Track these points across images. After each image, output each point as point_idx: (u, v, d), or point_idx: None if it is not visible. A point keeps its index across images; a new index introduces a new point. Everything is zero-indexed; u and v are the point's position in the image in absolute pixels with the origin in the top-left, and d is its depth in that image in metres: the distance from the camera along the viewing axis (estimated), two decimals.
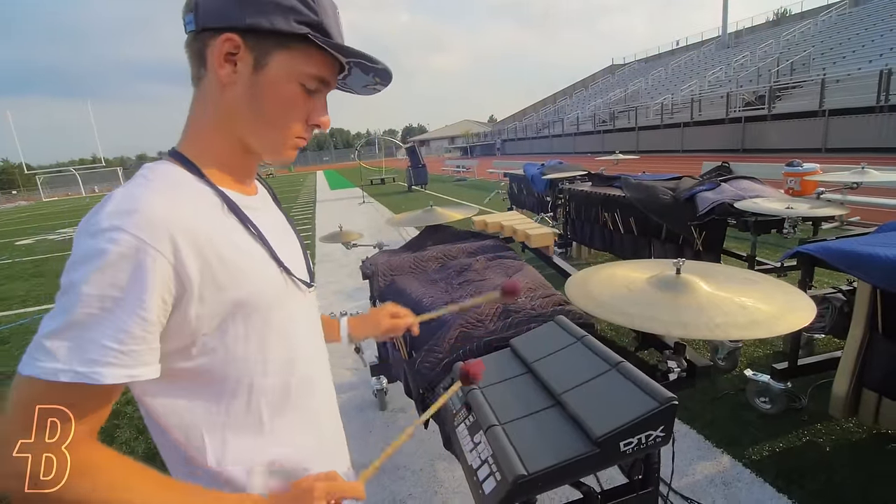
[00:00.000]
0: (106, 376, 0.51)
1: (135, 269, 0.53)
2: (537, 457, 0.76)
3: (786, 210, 2.77)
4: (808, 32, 24.66)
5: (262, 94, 0.64)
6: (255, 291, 0.64)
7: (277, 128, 0.67)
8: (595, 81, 43.79)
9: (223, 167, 0.67)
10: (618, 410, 0.80)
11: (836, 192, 5.26)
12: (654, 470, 1.10)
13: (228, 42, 0.61)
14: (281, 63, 0.63)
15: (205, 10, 0.61)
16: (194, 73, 0.66)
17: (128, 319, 0.52)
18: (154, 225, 0.55)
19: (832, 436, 2.18)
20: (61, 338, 0.51)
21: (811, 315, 0.96)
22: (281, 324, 0.68)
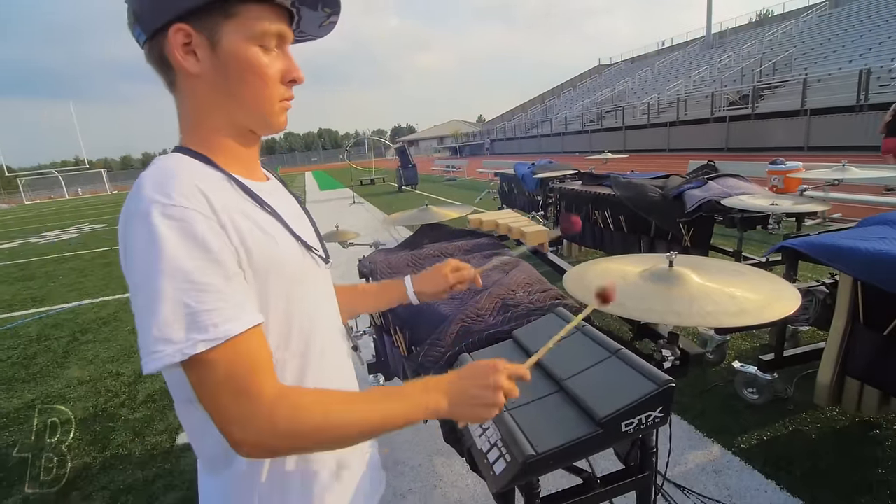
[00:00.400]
0: (232, 329, 0.56)
1: (195, 235, 0.56)
2: (544, 438, 0.80)
3: (770, 206, 2.86)
4: (789, 33, 25.13)
5: (230, 69, 0.64)
6: (279, 264, 0.66)
7: (257, 96, 0.67)
8: (583, 81, 44.15)
9: (228, 156, 0.69)
10: (619, 393, 0.85)
11: (818, 190, 5.39)
12: (650, 455, 1.15)
13: (179, 32, 0.62)
14: (232, 32, 0.63)
15: (147, 15, 0.63)
16: (166, 81, 0.67)
17: (212, 280, 0.56)
18: (193, 193, 0.58)
19: (817, 424, 2.26)
20: (167, 322, 0.54)
21: (796, 304, 1.02)
22: (303, 296, 0.71)
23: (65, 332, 4.76)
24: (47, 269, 8.33)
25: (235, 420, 0.56)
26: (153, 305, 0.54)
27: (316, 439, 0.60)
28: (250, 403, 0.57)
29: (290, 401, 0.59)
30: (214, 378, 0.56)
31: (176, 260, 0.54)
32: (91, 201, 31.43)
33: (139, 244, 0.55)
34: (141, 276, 0.55)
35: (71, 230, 14.37)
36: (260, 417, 0.57)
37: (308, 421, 0.59)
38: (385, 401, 0.65)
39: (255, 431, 0.56)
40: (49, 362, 4.00)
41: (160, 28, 0.62)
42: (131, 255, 0.56)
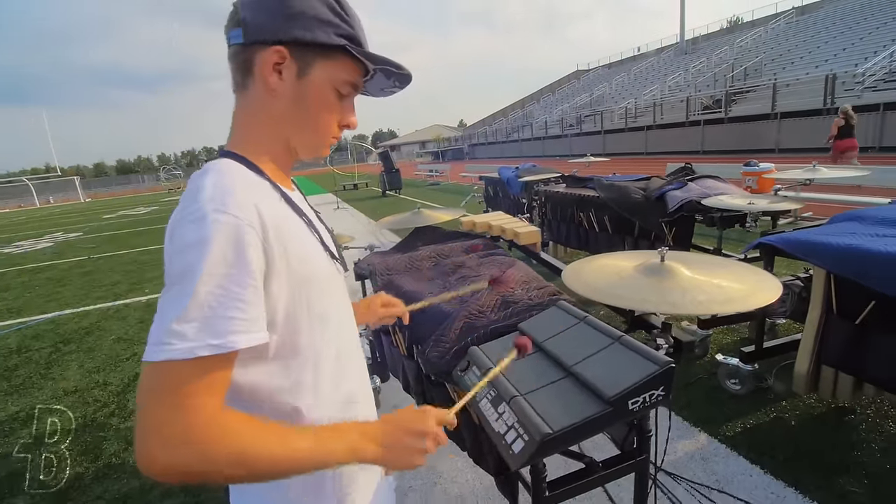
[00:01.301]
0: (238, 342, 0.58)
1: (239, 245, 0.59)
2: (558, 418, 0.86)
3: (748, 206, 3.00)
4: (759, 39, 25.97)
5: (305, 100, 0.72)
6: (314, 271, 0.71)
7: (317, 129, 0.75)
8: (561, 86, 44.79)
9: (271, 164, 0.75)
10: (625, 375, 0.92)
11: (790, 189, 5.63)
12: (647, 439, 1.22)
13: (277, 54, 0.68)
14: (321, 71, 0.71)
15: (254, 26, 0.69)
16: (238, 82, 0.73)
17: (243, 290, 0.59)
18: (247, 206, 0.62)
19: (796, 411, 2.38)
20: (188, 319, 0.56)
21: (778, 292, 1.10)
22: (331, 300, 0.76)
23: (46, 342, 4.65)
24: (22, 279, 8.09)
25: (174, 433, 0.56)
26: (181, 300, 0.56)
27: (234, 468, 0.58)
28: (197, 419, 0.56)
29: (224, 424, 0.59)
30: (175, 382, 0.56)
31: (216, 265, 0.58)
32: (64, 210, 30.54)
33: (187, 243, 0.59)
34: (180, 271, 0.58)
35: (44, 239, 13.96)
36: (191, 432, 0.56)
37: (232, 445, 0.58)
38: (318, 440, 0.64)
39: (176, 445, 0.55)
40: (32, 374, 3.91)
41: (261, 41, 0.68)
42: (177, 251, 0.60)
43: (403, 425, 0.70)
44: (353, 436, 0.67)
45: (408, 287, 1.89)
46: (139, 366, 3.94)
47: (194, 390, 0.57)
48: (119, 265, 8.40)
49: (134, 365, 3.88)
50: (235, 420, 0.61)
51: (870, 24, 19.04)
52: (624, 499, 1.90)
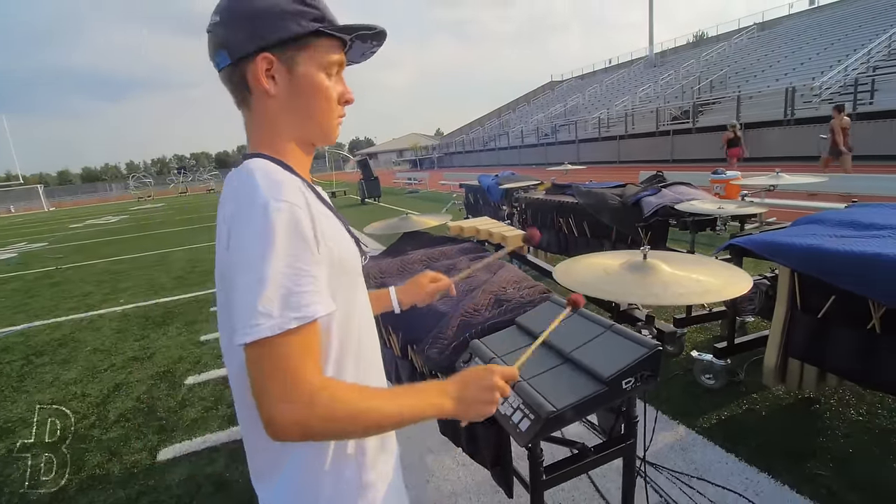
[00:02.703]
0: (318, 311, 0.65)
1: (299, 228, 0.66)
2: (561, 397, 0.95)
3: (718, 210, 3.17)
4: (723, 53, 27.11)
5: (302, 92, 0.76)
6: (347, 257, 0.78)
7: (323, 114, 0.79)
8: (536, 96, 45.67)
9: (296, 163, 0.80)
10: (618, 357, 1.01)
11: (755, 196, 5.92)
12: (633, 424, 1.31)
13: (264, 61, 0.73)
14: (307, 61, 0.75)
15: (235, 44, 0.73)
16: (239, 99, 0.78)
17: (309, 266, 0.65)
18: (296, 193, 0.69)
19: (766, 402, 2.53)
20: (269, 299, 0.62)
21: (748, 284, 1.22)
22: (358, 285, 0.83)
23: (16, 355, 4.50)
24: None
25: (283, 398, 0.62)
26: (260, 284, 0.62)
27: (346, 426, 0.67)
28: (298, 383, 0.63)
29: (330, 391, 0.66)
30: (278, 355, 0.63)
31: (284, 248, 0.64)
32: (26, 219, 29.32)
33: (254, 231, 0.65)
34: (252, 257, 0.64)
35: (7, 249, 13.41)
36: (303, 400, 0.63)
37: (342, 408, 0.66)
38: (406, 398, 0.73)
39: (296, 410, 0.63)
40: (3, 387, 3.78)
41: (246, 55, 0.73)
42: (245, 239, 0.65)
43: (474, 381, 0.77)
44: (434, 392, 0.75)
45: None
46: (118, 376, 3.88)
47: (295, 358, 0.64)
48: (90, 275, 8.16)
49: (113, 375, 3.80)
50: (341, 383, 0.69)
51: (825, 40, 20.16)
52: (610, 489, 1.99)
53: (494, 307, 1.55)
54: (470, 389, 0.77)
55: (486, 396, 0.77)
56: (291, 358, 0.64)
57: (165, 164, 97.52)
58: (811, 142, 13.62)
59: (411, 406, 0.72)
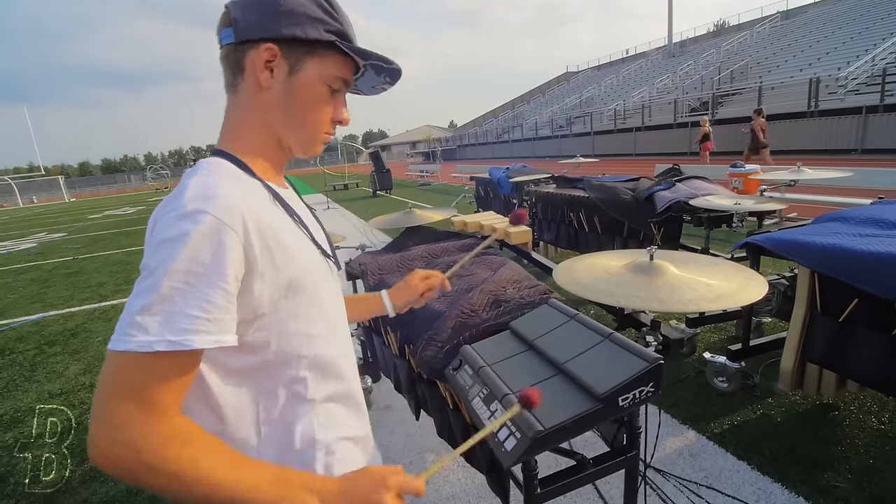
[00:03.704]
0: (196, 342, 0.57)
1: (216, 247, 0.59)
2: (550, 415, 0.87)
3: (735, 206, 3.04)
4: (745, 43, 26.36)
5: (296, 96, 0.72)
6: (304, 272, 0.71)
7: (309, 125, 0.75)
8: (551, 88, 45.06)
9: (264, 163, 0.75)
10: (615, 371, 0.93)
11: (775, 191, 5.72)
12: (636, 435, 1.24)
13: (268, 51, 0.69)
14: (312, 67, 0.72)
15: (245, 24, 0.69)
16: (230, 81, 0.74)
17: (211, 291, 0.59)
18: (231, 208, 0.62)
19: (782, 407, 2.42)
20: (151, 313, 0.56)
21: (764, 289, 1.13)
22: (322, 301, 0.76)
23: (30, 344, 4.57)
24: (5, 280, 7.94)
25: (119, 426, 0.55)
26: (149, 293, 0.57)
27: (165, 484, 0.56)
28: (145, 417, 0.56)
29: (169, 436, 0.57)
30: (138, 378, 0.56)
31: (190, 263, 0.58)
32: (48, 209, 30.00)
33: (164, 238, 0.59)
34: (153, 265, 0.58)
35: (27, 240, 13.71)
36: (135, 436, 0.55)
37: (177, 460, 0.56)
38: (260, 477, 0.61)
39: (123, 443, 0.55)
40: (16, 376, 3.84)
41: (252, 40, 0.69)
42: (154, 245, 0.60)
43: (359, 493, 0.64)
44: (298, 488, 0.62)
45: None
46: None
47: (148, 385, 0.57)
48: (105, 266, 8.27)
49: None
50: (185, 431, 0.59)
51: (852, 29, 19.44)
52: (614, 496, 1.92)
53: (492, 308, 1.48)
54: (348, 499, 0.63)
55: None
56: (148, 385, 0.57)
57: (182, 155, 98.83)
58: (836, 134, 13.19)
59: (258, 493, 0.60)
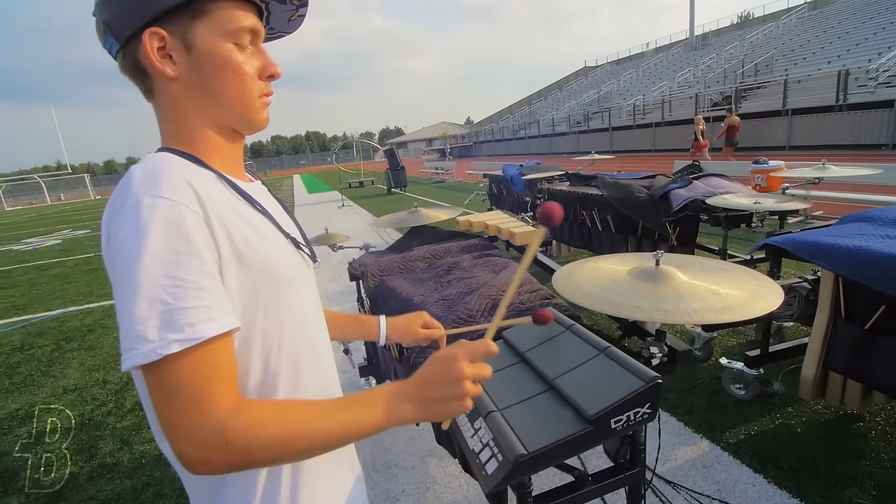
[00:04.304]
0: (206, 331, 0.54)
1: (181, 229, 0.55)
2: (535, 437, 0.81)
3: (754, 205, 2.91)
4: (770, 35, 25.58)
5: (206, 68, 0.65)
6: (271, 264, 0.66)
7: (236, 93, 0.67)
8: (569, 83, 44.50)
9: (214, 157, 0.69)
10: (608, 391, 0.86)
11: (800, 188, 5.51)
12: (639, 452, 1.16)
13: (153, 36, 0.62)
14: (205, 31, 0.64)
15: (116, 23, 0.63)
16: (143, 89, 0.67)
17: (194, 276, 0.54)
18: (183, 188, 0.57)
19: (802, 417, 2.30)
20: (143, 319, 0.52)
21: (779, 299, 1.04)
22: (294, 297, 0.71)
23: (49, 340, 4.67)
24: (29, 276, 8.16)
25: (183, 428, 0.53)
26: (131, 300, 0.52)
27: (273, 453, 0.57)
28: (202, 414, 0.53)
29: (245, 415, 0.56)
30: (172, 382, 0.53)
31: (158, 254, 0.53)
32: (74, 207, 30.89)
33: (123, 236, 0.54)
34: (122, 268, 0.54)
35: (53, 236, 14.10)
36: (210, 430, 0.53)
37: (264, 434, 0.55)
38: (348, 410, 0.62)
39: (203, 445, 0.53)
40: (33, 371, 3.92)
41: (133, 35, 0.62)
42: (115, 247, 0.55)
43: (435, 375, 0.64)
44: (386, 398, 0.63)
45: (400, 290, 1.84)
46: None
47: (192, 385, 0.54)
48: None
49: None
50: (259, 403, 0.59)
51: (884, 19, 18.66)
52: None
53: (490, 313, 1.42)
54: (431, 386, 0.64)
55: (453, 391, 0.63)
56: (187, 385, 0.54)
57: None
58: (866, 129, 12.69)
59: (356, 419, 0.61)
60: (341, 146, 34.78)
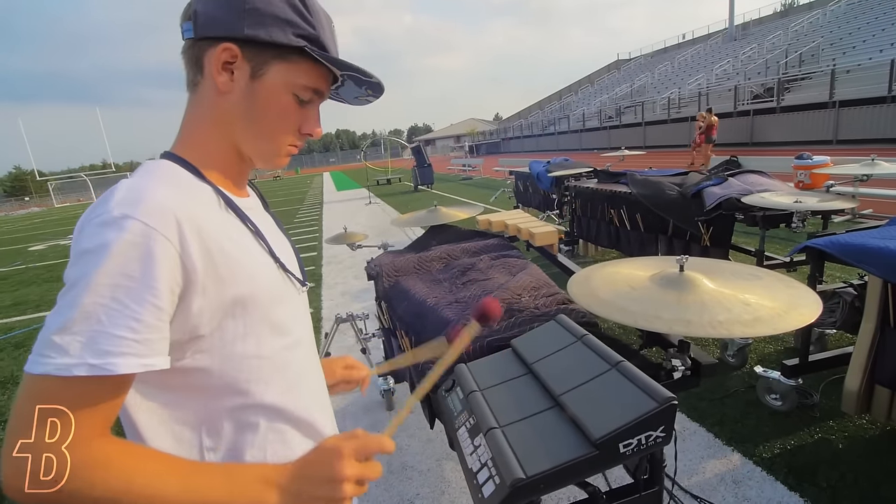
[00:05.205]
0: (120, 366, 0.51)
1: (145, 257, 0.53)
2: (536, 460, 0.75)
3: (794, 204, 2.74)
4: (816, 23, 24.30)
5: (258, 103, 0.65)
6: (255, 287, 0.64)
7: (270, 136, 0.68)
8: (600, 77, 43.51)
9: (218, 170, 0.68)
10: (617, 411, 0.79)
11: (847, 185, 5.18)
12: (659, 469, 1.09)
13: (226, 51, 0.63)
14: (277, 74, 0.64)
15: (204, 19, 0.63)
16: (190, 79, 0.67)
17: (140, 308, 0.52)
18: (162, 212, 0.55)
19: (844, 433, 2.15)
20: (72, 332, 0.50)
21: (816, 311, 0.94)
22: (278, 321, 0.68)
23: None
24: None
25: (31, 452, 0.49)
26: (69, 310, 0.50)
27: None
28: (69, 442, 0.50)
29: (95, 451, 0.52)
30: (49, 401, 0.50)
31: (112, 274, 0.51)
32: None
33: (87, 248, 0.53)
34: (75, 278, 0.52)
35: None
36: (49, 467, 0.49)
37: (104, 484, 0.50)
38: (206, 476, 0.57)
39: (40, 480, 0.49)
40: None
41: (212, 37, 0.63)
42: (76, 255, 0.54)
43: (312, 470, 0.59)
44: (253, 480, 0.58)
45: (414, 291, 1.80)
46: None
47: (65, 410, 0.50)
48: None
49: None
50: (110, 450, 0.53)
51: None
52: None
53: (504, 318, 1.36)
54: (307, 481, 0.58)
55: (329, 492, 0.58)
56: (64, 408, 0.50)
57: None
58: None
59: (210, 492, 0.55)
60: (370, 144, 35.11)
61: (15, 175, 73.25)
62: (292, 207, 15.49)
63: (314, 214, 12.99)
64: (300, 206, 15.63)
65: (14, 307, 6.33)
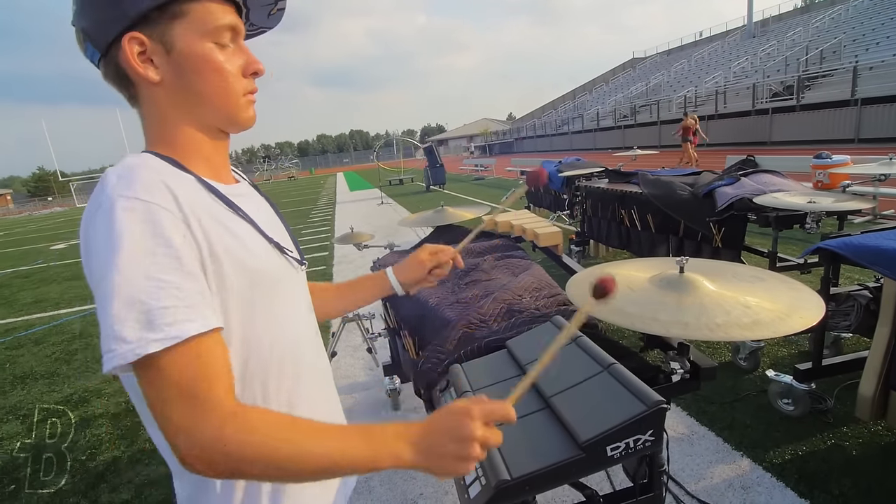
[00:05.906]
0: (184, 330, 0.53)
1: (156, 229, 0.54)
2: (522, 461, 0.75)
3: (807, 204, 2.67)
4: (838, 19, 23.72)
5: (188, 70, 0.64)
6: (250, 269, 0.64)
7: (219, 93, 0.66)
8: (615, 76, 43.08)
9: (197, 160, 0.68)
10: (605, 414, 0.78)
11: (867, 185, 5.05)
12: (658, 474, 1.07)
13: (133, 41, 0.61)
14: (184, 32, 0.63)
15: (95, 30, 0.62)
16: (127, 96, 0.67)
17: (172, 276, 0.54)
18: (159, 188, 0.57)
19: (859, 439, 2.09)
20: (121, 319, 0.51)
21: (819, 315, 0.92)
22: (276, 302, 0.69)
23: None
24: None
25: (183, 429, 0.53)
26: (109, 303, 0.52)
27: (263, 469, 0.55)
28: (200, 413, 0.53)
29: (245, 420, 0.55)
30: (164, 382, 0.53)
31: (134, 255, 0.53)
32: None
33: (99, 238, 0.54)
34: (99, 272, 0.54)
35: None
36: (208, 429, 0.53)
37: (258, 446, 0.54)
38: (346, 439, 0.59)
39: (201, 444, 0.52)
40: (89, 358, 4.19)
41: (112, 41, 0.62)
42: (92, 251, 0.55)
43: (444, 428, 0.59)
44: (389, 437, 0.60)
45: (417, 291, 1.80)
46: None
47: (183, 384, 0.53)
48: None
49: None
50: (259, 411, 0.57)
51: None
52: None
53: (503, 318, 1.36)
54: (438, 438, 0.59)
55: (459, 450, 0.58)
56: (178, 385, 0.53)
57: (254, 153, 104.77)
58: None
59: (352, 451, 0.57)
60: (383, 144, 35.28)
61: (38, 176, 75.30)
62: (306, 207, 15.65)
63: (327, 214, 13.10)
64: (314, 206, 15.77)
65: (35, 304, 6.50)
